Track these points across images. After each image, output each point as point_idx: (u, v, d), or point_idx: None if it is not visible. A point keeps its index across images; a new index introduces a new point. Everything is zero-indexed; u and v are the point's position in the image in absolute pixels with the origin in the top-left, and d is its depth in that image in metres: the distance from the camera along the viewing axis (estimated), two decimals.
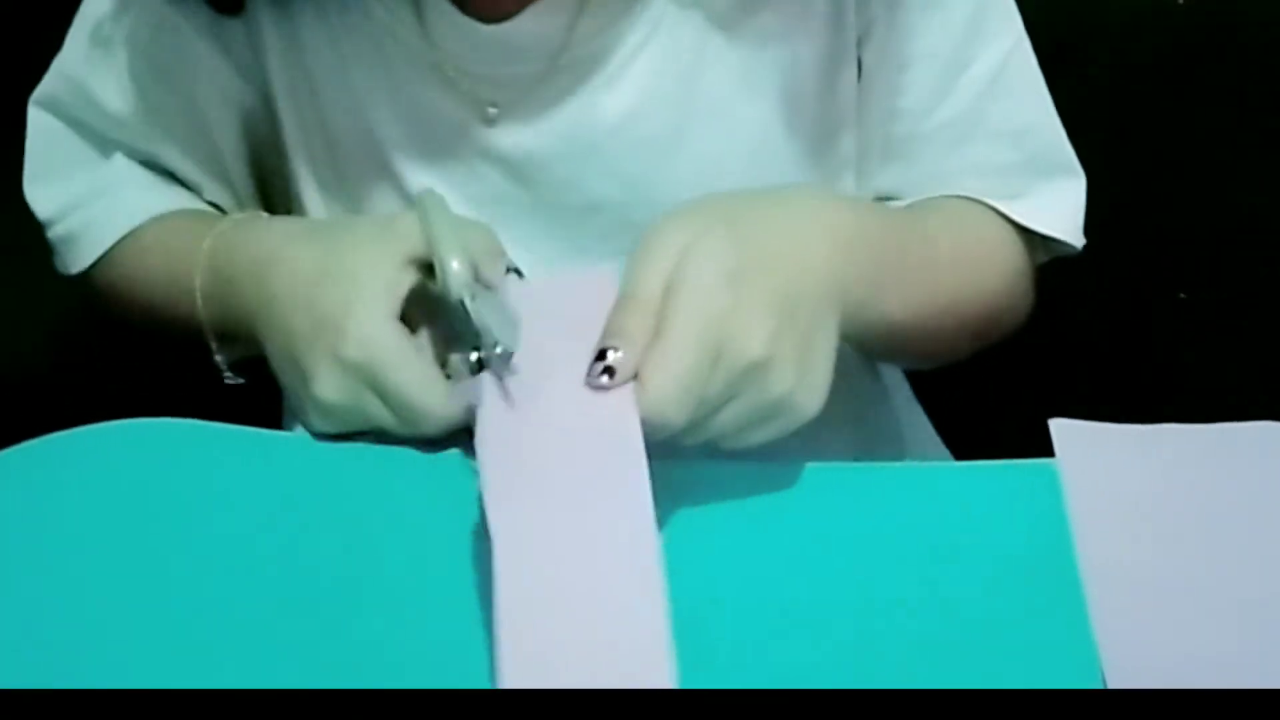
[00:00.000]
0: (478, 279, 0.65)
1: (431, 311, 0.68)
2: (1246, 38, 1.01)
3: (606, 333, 0.62)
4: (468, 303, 0.63)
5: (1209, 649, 0.58)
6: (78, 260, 0.83)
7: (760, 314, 0.62)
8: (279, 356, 0.69)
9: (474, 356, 0.64)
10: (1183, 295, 1.08)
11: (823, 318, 0.65)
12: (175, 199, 0.83)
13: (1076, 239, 0.82)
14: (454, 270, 0.64)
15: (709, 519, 0.66)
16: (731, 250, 0.63)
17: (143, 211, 0.82)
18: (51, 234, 0.84)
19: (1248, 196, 1.04)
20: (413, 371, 0.64)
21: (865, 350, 0.78)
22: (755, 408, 0.63)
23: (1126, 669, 0.57)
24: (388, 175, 0.79)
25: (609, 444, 0.61)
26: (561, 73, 0.76)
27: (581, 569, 0.58)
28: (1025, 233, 0.81)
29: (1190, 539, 0.63)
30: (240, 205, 0.85)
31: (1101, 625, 0.59)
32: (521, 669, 0.54)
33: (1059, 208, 0.81)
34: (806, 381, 0.63)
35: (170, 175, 0.84)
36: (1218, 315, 1.07)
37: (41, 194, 0.83)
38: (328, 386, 0.66)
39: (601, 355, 0.62)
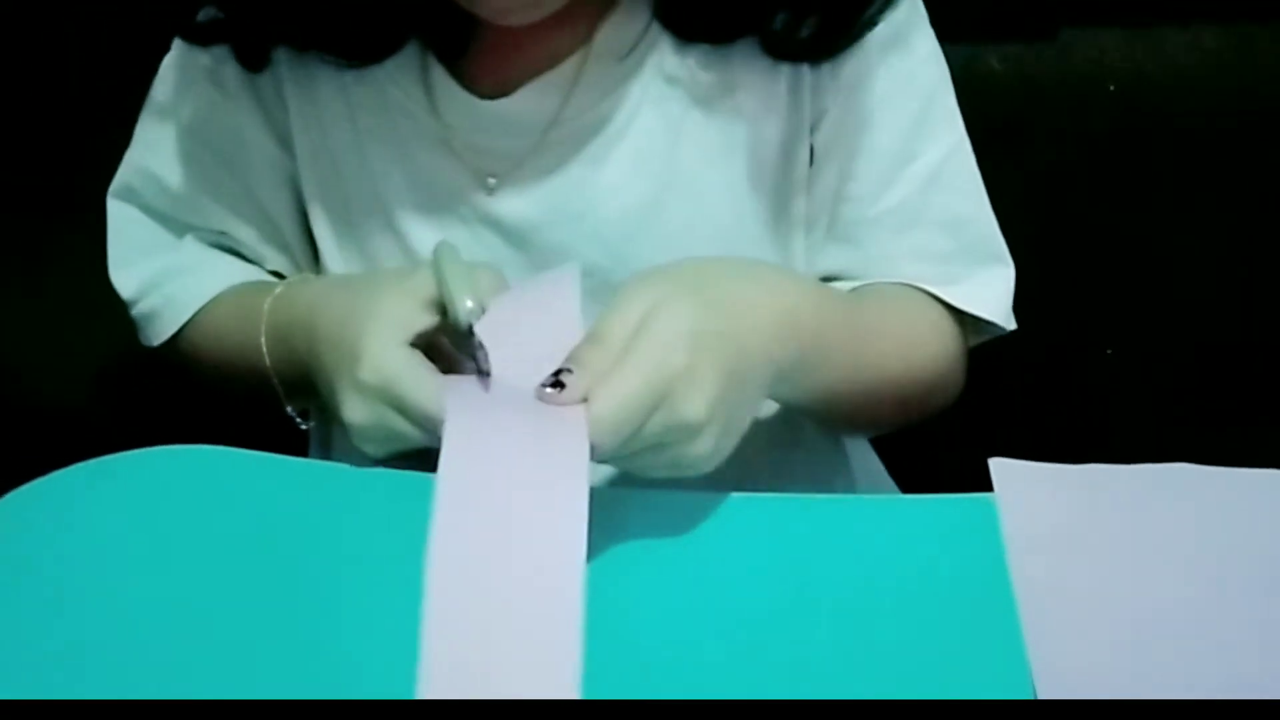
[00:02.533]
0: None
1: (449, 354, 0.66)
2: (1167, 121, 1.01)
3: (568, 358, 0.61)
4: (475, 328, 0.62)
5: (1134, 663, 0.57)
6: (160, 334, 0.82)
7: (708, 381, 0.61)
8: (323, 393, 0.68)
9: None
10: (1109, 352, 1.07)
11: (755, 395, 0.65)
12: (241, 273, 0.83)
13: (1006, 322, 0.80)
14: (463, 304, 0.63)
15: (659, 544, 0.64)
16: (695, 315, 0.62)
17: (213, 288, 0.81)
18: (134, 311, 0.83)
19: (1165, 268, 1.04)
20: (426, 384, 0.62)
21: (797, 411, 0.77)
22: (671, 460, 0.62)
23: (1057, 681, 0.56)
24: (396, 235, 0.78)
25: (555, 460, 0.58)
26: (554, 146, 0.75)
27: (508, 579, 0.55)
28: (959, 315, 0.80)
29: (1115, 565, 0.62)
30: (299, 270, 0.84)
31: (1034, 642, 0.58)
32: (440, 680, 0.52)
33: (990, 293, 0.80)
34: (721, 448, 0.63)
35: (236, 251, 0.83)
36: (1141, 368, 1.06)
37: (123, 277, 0.82)
38: (354, 410, 0.64)
39: (557, 373, 0.60)
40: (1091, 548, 0.62)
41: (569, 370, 0.60)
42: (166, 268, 0.82)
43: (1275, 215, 1.02)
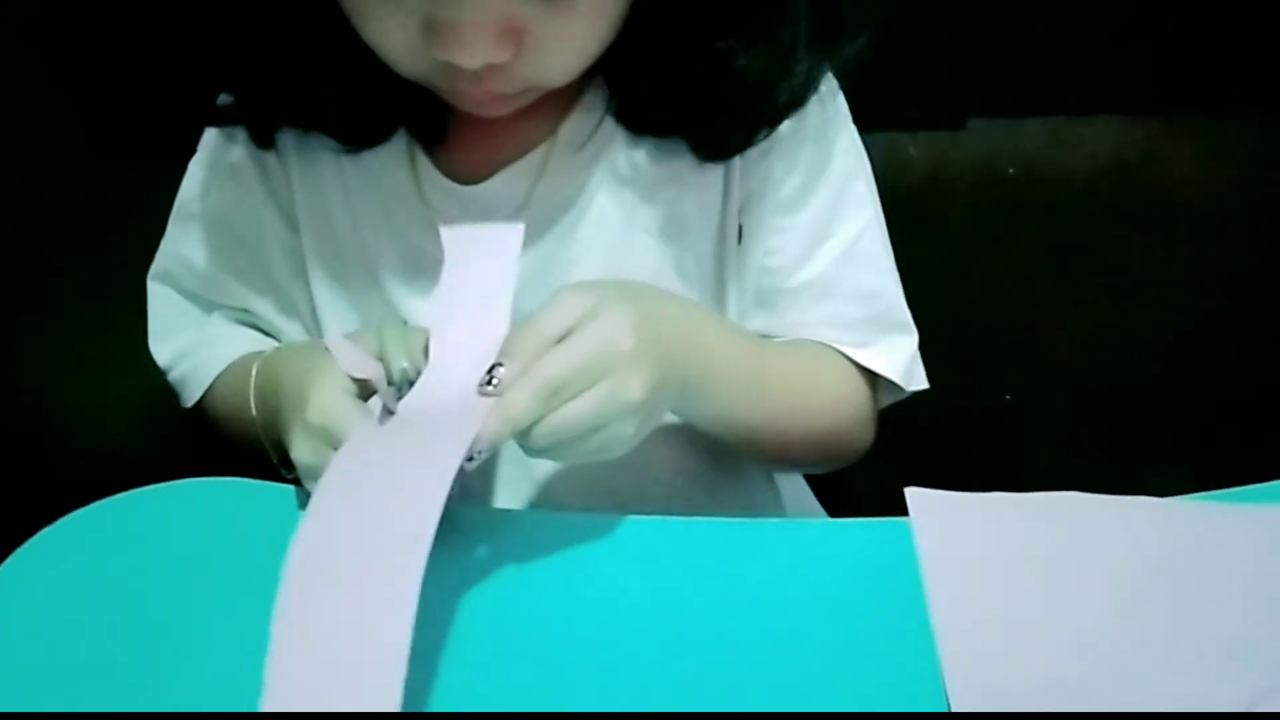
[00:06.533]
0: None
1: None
2: (1057, 200, 0.98)
3: (502, 350, 0.57)
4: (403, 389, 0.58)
5: (1044, 677, 0.52)
6: (190, 397, 0.79)
7: (648, 367, 0.58)
8: (284, 439, 0.63)
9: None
10: (1008, 398, 1.03)
11: (668, 400, 0.61)
12: (254, 343, 0.78)
13: (907, 383, 0.76)
14: (398, 363, 0.59)
15: (587, 566, 0.59)
16: (635, 312, 0.59)
17: (231, 356, 0.77)
18: (169, 378, 0.80)
19: (1052, 326, 1.02)
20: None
21: (707, 434, 0.72)
22: (599, 443, 0.57)
23: (968, 693, 0.51)
24: (389, 304, 0.74)
25: (419, 480, 0.51)
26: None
27: (350, 591, 0.48)
28: (869, 376, 0.75)
29: (1021, 583, 0.57)
30: (310, 338, 0.79)
31: (947, 656, 0.53)
32: (279, 691, 0.45)
33: (896, 357, 0.75)
34: (639, 436, 0.59)
35: (257, 325, 0.80)
36: (1039, 413, 1.03)
37: (160, 348, 0.79)
38: (301, 449, 0.59)
39: (492, 369, 0.56)
40: (1000, 567, 0.58)
41: (501, 365, 0.56)
42: (195, 340, 0.79)
43: (1145, 287, 1.00)
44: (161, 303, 0.79)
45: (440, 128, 0.71)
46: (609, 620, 0.55)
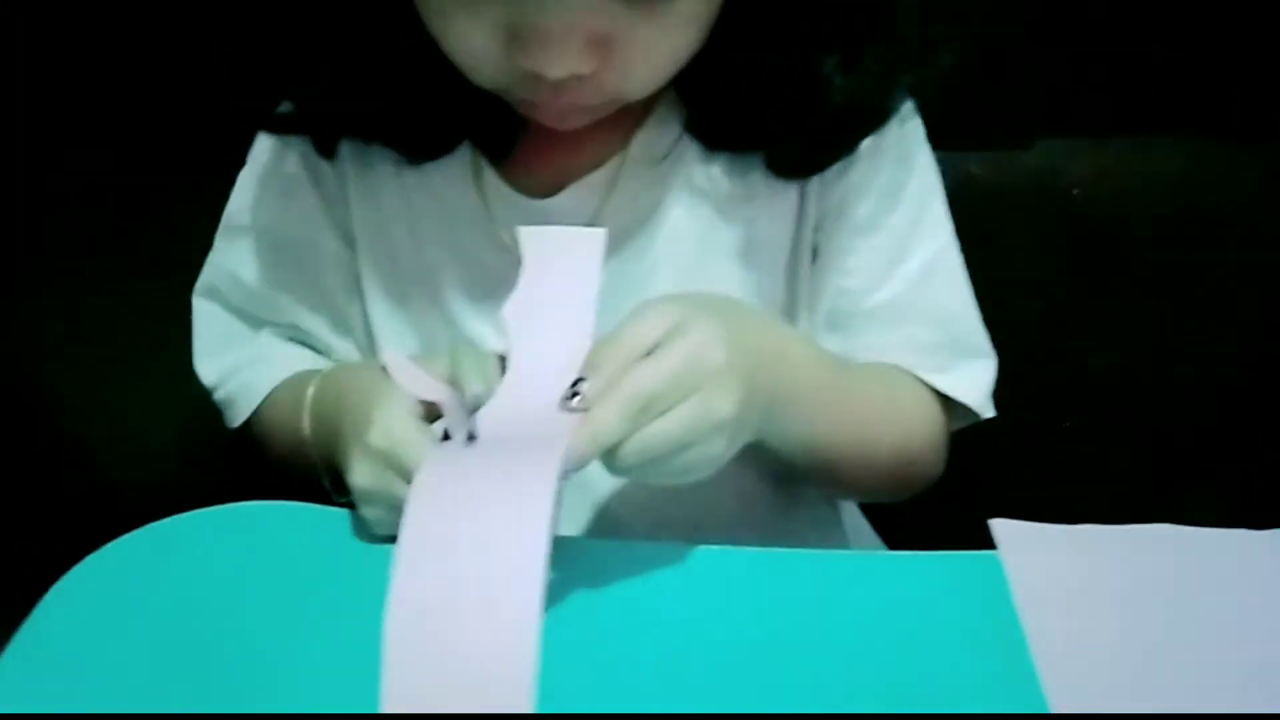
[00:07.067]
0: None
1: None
2: (1124, 223, 0.96)
3: (586, 365, 0.54)
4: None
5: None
6: (237, 416, 0.76)
7: (738, 383, 0.55)
8: (342, 462, 0.61)
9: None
10: (1067, 424, 1.00)
11: (756, 419, 0.58)
12: (305, 361, 0.76)
13: (984, 410, 0.73)
14: (472, 386, 0.56)
15: (667, 598, 0.56)
16: (726, 326, 0.56)
17: (281, 375, 0.74)
18: (216, 397, 0.77)
19: (1117, 352, 0.98)
20: (427, 452, 0.54)
21: (780, 460, 0.68)
22: (687, 462, 0.55)
23: None
24: (450, 324, 0.71)
25: (527, 467, 0.48)
26: None
27: (467, 593, 0.44)
28: (943, 399, 0.73)
29: (1124, 619, 0.54)
30: (364, 357, 0.76)
31: (1055, 698, 0.50)
32: (400, 694, 0.43)
33: (973, 382, 0.73)
34: (727, 455, 0.56)
35: (307, 342, 0.77)
36: (1097, 442, 1.00)
37: (206, 366, 0.76)
38: (360, 473, 0.57)
39: (576, 383, 0.53)
40: (1099, 603, 0.55)
41: (583, 380, 0.53)
42: (243, 359, 0.76)
43: (1209, 310, 0.97)
44: (207, 320, 0.76)
45: (508, 140, 0.69)
46: (684, 653, 0.53)
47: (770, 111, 0.65)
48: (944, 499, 0.81)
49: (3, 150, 0.85)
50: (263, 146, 0.74)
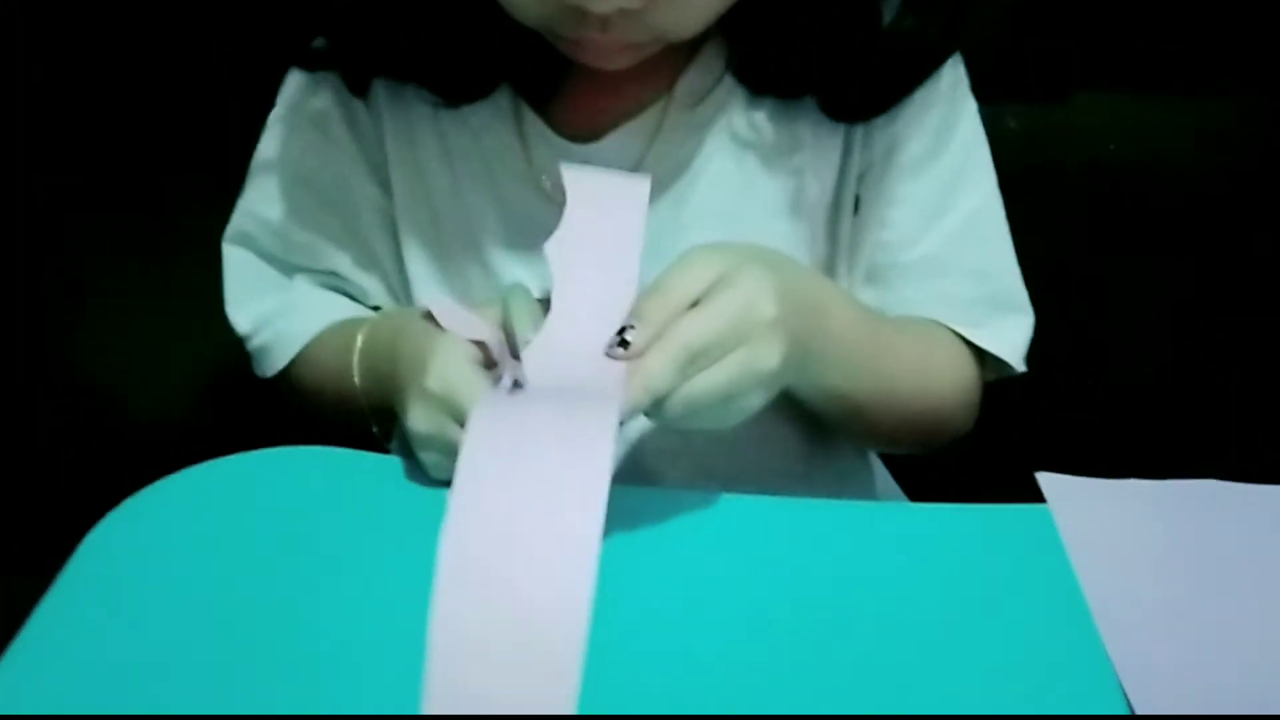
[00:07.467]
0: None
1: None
2: (1161, 178, 0.95)
3: (632, 313, 0.54)
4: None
5: (1220, 676, 0.49)
6: (271, 367, 0.74)
7: (783, 337, 0.55)
8: (397, 408, 0.60)
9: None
10: (1090, 381, 1.00)
11: (792, 370, 0.57)
12: (345, 309, 0.74)
13: (1019, 366, 0.73)
14: (523, 335, 0.55)
15: (689, 545, 0.55)
16: (776, 278, 0.56)
17: (319, 323, 0.73)
18: (250, 346, 0.75)
19: (1149, 309, 0.99)
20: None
21: (812, 409, 0.68)
22: (727, 412, 0.55)
23: (1151, 696, 0.47)
24: (487, 270, 0.70)
25: (573, 476, 0.45)
26: None
27: (513, 594, 0.43)
28: (977, 353, 0.72)
29: (1178, 575, 0.54)
30: (398, 303, 0.75)
31: (1119, 656, 0.49)
32: (441, 697, 0.41)
33: (1010, 338, 0.72)
34: (758, 408, 0.56)
35: (342, 289, 0.75)
36: (1128, 397, 1.00)
37: (239, 314, 0.74)
38: (418, 418, 0.56)
39: (623, 330, 0.53)
40: (1152, 556, 0.54)
41: (632, 327, 0.53)
42: (278, 306, 0.74)
43: (1245, 266, 0.97)
44: (239, 267, 0.74)
45: (550, 82, 0.67)
46: (728, 605, 0.52)
47: (824, 53, 0.63)
48: (962, 455, 0.80)
49: (32, 109, 0.83)
50: (292, 86, 0.72)
